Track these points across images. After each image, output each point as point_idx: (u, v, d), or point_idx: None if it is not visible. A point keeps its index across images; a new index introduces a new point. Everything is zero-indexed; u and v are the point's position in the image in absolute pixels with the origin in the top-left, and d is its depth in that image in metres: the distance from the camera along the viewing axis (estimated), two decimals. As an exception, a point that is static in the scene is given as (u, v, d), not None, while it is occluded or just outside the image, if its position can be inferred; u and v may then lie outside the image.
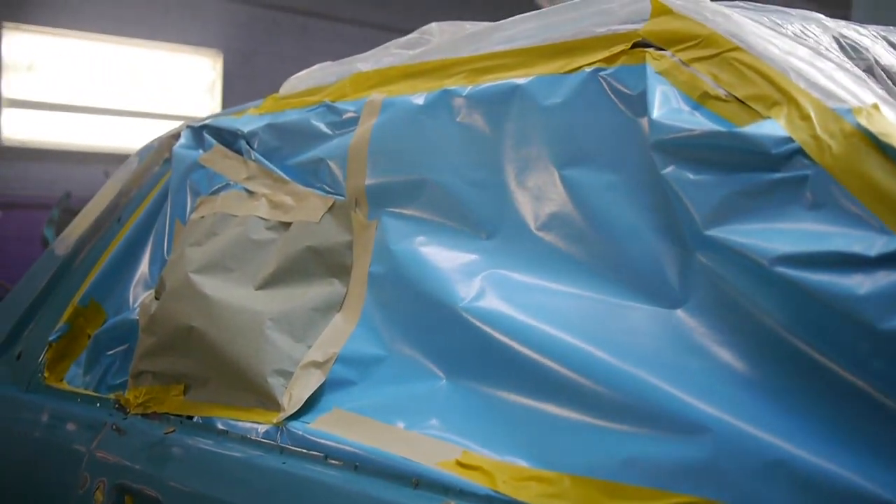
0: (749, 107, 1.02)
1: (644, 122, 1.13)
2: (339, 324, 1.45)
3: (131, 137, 6.99)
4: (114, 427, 1.61)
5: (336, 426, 1.28)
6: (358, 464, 1.19)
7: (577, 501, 0.97)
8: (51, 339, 1.96)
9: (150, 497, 1.43)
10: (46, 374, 1.94)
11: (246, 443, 1.37)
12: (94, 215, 2.12)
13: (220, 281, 1.55)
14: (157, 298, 1.66)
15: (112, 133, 7.09)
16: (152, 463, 1.47)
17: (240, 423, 1.42)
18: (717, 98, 1.06)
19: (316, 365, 1.39)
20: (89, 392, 1.82)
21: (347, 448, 1.22)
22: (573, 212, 1.22)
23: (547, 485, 1.01)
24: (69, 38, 6.92)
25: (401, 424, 1.23)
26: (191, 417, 1.52)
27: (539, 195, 1.26)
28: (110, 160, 6.86)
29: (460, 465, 1.10)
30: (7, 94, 6.65)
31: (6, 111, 6.65)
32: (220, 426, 1.45)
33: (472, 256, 1.31)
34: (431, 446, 1.16)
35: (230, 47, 7.71)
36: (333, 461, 1.22)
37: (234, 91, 7.60)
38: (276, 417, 1.35)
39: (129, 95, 7.20)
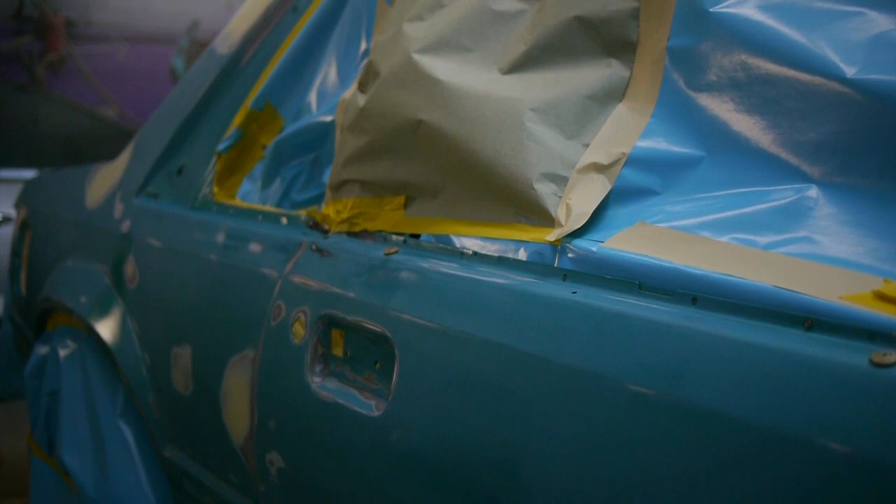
0: None
1: None
2: (624, 116, 1.08)
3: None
4: (314, 248, 1.30)
5: (649, 245, 0.93)
6: (697, 296, 0.84)
7: None
8: (219, 148, 1.66)
9: (371, 331, 1.13)
10: (216, 190, 1.64)
11: (507, 266, 1.03)
12: (264, 5, 1.77)
13: (454, 63, 1.19)
14: (362, 91, 1.32)
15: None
16: (372, 291, 1.15)
17: (490, 242, 1.09)
18: None
19: (598, 168, 1.04)
20: (272, 209, 1.52)
21: (676, 275, 0.87)
22: None
23: None
24: None
25: (754, 244, 0.87)
26: (416, 236, 1.20)
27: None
28: (234, -7, 6.52)
29: (883, 298, 0.74)
30: (127, -79, 6.31)
31: (128, -61, 6.33)
32: (460, 245, 1.12)
33: (858, 12, 0.91)
34: (820, 273, 0.80)
35: None
36: (655, 292, 0.88)
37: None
38: (552, 234, 1.01)
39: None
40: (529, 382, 0.92)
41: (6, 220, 4.04)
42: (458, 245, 1.13)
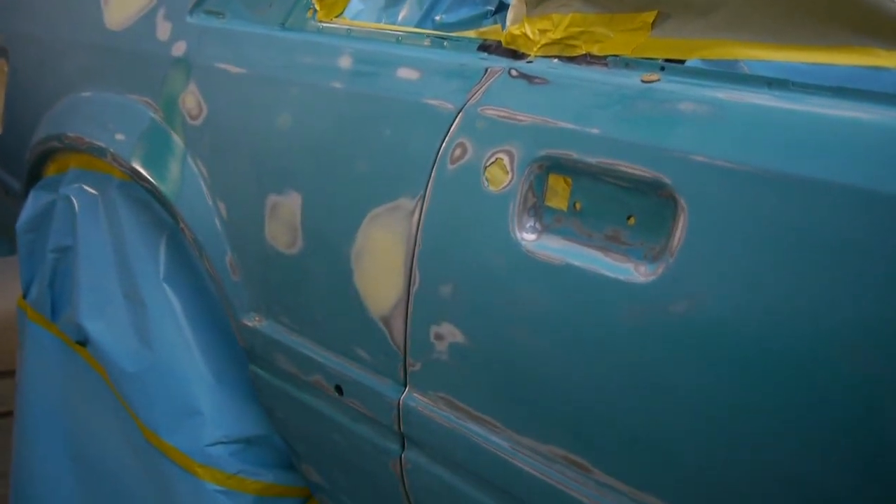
0: None
1: None
2: None
3: None
4: (515, 74, 1.04)
5: None
6: None
7: None
8: (324, -44, 1.35)
9: (631, 178, 0.89)
10: (318, 7, 1.34)
11: (857, 98, 0.81)
12: None
13: None
14: None
15: None
16: (635, 127, 0.91)
17: (808, 68, 0.86)
18: None
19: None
20: (416, 30, 1.23)
21: None
22: None
23: None
24: None
25: None
26: (679, 61, 0.95)
27: None
28: None
29: None
30: None
31: None
32: (752, 71, 0.89)
33: None
34: None
35: None
36: None
37: None
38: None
39: None
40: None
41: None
42: (747, 72, 0.90)
